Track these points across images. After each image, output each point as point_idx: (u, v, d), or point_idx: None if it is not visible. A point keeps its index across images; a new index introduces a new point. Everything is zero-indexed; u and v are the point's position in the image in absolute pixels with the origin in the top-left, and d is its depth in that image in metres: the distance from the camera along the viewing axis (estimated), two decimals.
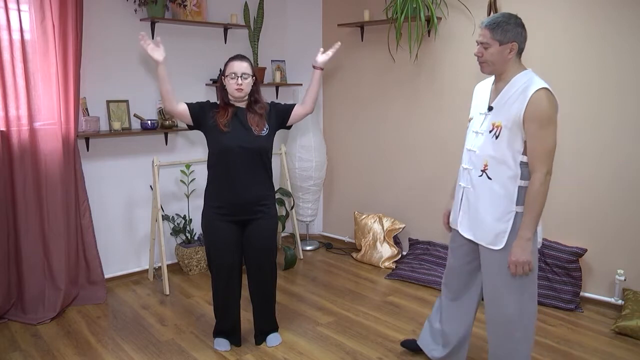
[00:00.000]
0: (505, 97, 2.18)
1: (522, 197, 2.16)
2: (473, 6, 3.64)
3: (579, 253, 3.33)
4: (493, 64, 2.18)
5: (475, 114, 2.32)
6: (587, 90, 3.27)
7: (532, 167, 2.13)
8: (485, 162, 2.21)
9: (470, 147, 2.29)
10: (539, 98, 2.08)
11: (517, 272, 2.16)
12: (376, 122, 4.42)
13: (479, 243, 2.29)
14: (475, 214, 2.28)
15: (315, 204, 4.71)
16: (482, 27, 2.18)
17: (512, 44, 2.15)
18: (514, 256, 2.14)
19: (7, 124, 3.16)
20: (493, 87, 2.27)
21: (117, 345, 2.96)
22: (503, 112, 2.16)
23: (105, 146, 3.76)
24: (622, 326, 3.01)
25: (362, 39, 4.39)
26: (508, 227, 2.18)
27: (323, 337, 3.05)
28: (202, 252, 4.02)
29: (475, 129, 2.28)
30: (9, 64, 3.11)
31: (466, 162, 2.32)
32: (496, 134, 2.17)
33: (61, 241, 3.34)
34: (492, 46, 2.15)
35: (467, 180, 2.30)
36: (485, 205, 2.23)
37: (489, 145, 2.19)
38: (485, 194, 2.23)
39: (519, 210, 2.18)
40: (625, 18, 3.09)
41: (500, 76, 2.22)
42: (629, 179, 3.19)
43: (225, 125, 2.67)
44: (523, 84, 2.14)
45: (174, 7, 3.88)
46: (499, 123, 2.16)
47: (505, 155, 2.15)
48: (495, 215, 2.20)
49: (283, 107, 2.86)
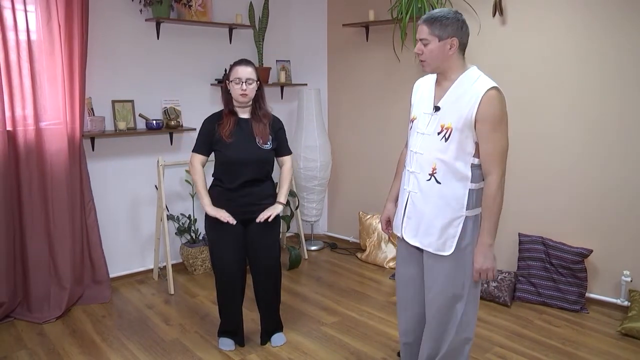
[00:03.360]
0: (452, 96, 2.05)
1: (472, 200, 2.08)
2: (478, 6, 3.63)
3: (585, 254, 3.31)
4: (434, 61, 2.05)
5: (419, 113, 2.17)
6: (593, 89, 3.25)
7: (487, 170, 2.03)
8: (433, 165, 2.08)
9: (417, 150, 2.13)
10: (491, 98, 1.97)
11: (482, 278, 2.10)
12: (381, 122, 4.41)
13: (426, 250, 2.14)
14: (421, 220, 2.14)
15: (320, 204, 4.71)
16: (419, 23, 2.06)
17: (452, 40, 2.01)
18: (477, 264, 2.06)
19: (13, 124, 3.17)
20: (436, 85, 2.14)
21: (122, 344, 2.97)
22: (452, 112, 2.03)
23: (111, 146, 3.78)
24: (628, 328, 2.99)
25: (367, 39, 4.39)
26: (457, 231, 2.08)
27: (327, 337, 3.05)
28: (206, 252, 4.02)
29: (421, 130, 2.13)
30: (15, 64, 3.13)
31: (412, 165, 2.16)
32: (446, 135, 2.04)
33: (66, 241, 3.35)
34: (432, 42, 2.02)
35: (414, 184, 2.15)
36: (433, 210, 2.10)
37: (438, 148, 2.06)
38: (434, 198, 2.09)
39: (468, 215, 2.08)
40: (627, 18, 3.07)
41: (444, 74, 2.09)
42: (635, 179, 3.17)
43: (228, 135, 2.69)
44: (471, 82, 2.03)
45: (179, 7, 3.89)
46: (449, 125, 2.03)
47: (456, 158, 2.04)
48: (444, 221, 2.08)
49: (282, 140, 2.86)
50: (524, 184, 3.59)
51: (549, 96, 3.42)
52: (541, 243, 3.48)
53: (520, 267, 3.55)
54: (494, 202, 2.03)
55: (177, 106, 4.04)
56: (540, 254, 3.46)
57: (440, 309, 2.16)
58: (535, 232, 3.55)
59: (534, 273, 3.48)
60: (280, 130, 2.85)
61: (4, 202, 3.15)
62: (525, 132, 3.53)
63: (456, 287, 2.12)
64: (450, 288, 2.13)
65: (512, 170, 3.62)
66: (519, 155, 3.58)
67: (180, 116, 4.04)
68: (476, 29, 3.66)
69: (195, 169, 2.80)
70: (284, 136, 2.89)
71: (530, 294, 3.47)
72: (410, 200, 2.18)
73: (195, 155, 2.79)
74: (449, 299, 2.14)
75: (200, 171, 2.80)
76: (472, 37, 3.65)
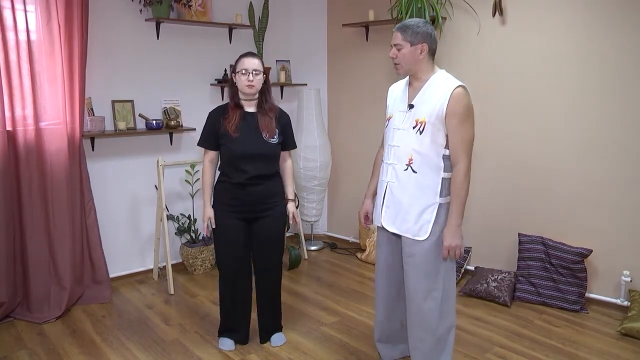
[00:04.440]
0: (424, 95, 2.29)
1: (445, 188, 2.29)
2: (478, 6, 3.63)
3: (585, 254, 3.31)
4: (407, 64, 2.30)
5: (395, 112, 2.41)
6: (593, 89, 3.25)
7: (455, 159, 2.25)
8: (410, 157, 2.30)
9: (394, 143, 2.36)
10: (459, 95, 2.21)
11: (450, 256, 2.29)
12: (381, 122, 4.40)
13: (404, 235, 2.35)
14: (399, 208, 2.35)
15: (320, 204, 4.71)
16: (394, 30, 2.31)
17: (422, 45, 2.27)
18: (446, 242, 2.26)
19: (13, 124, 3.17)
20: (409, 87, 2.39)
21: (121, 344, 2.97)
22: (425, 108, 2.27)
23: (110, 146, 3.78)
24: (628, 327, 2.99)
25: (367, 39, 4.39)
26: (432, 217, 2.30)
27: (327, 337, 3.05)
28: (206, 252, 4.02)
29: (397, 126, 2.37)
30: (15, 64, 3.13)
31: (390, 157, 2.39)
32: (420, 129, 2.27)
33: (66, 241, 3.35)
34: (404, 47, 2.27)
35: (392, 174, 2.37)
36: (410, 198, 2.32)
37: (413, 140, 2.29)
38: (410, 187, 2.31)
39: (442, 202, 2.30)
40: (627, 18, 3.07)
41: (416, 76, 2.34)
42: (635, 179, 3.17)
43: (234, 130, 2.68)
44: (441, 82, 2.28)
45: (179, 8, 3.89)
46: (423, 119, 2.27)
47: (429, 149, 2.26)
48: (420, 208, 2.30)
49: (289, 134, 2.86)
50: (523, 184, 3.59)
51: (549, 96, 3.42)
52: (541, 243, 3.48)
53: (520, 267, 3.55)
54: (461, 187, 2.24)
55: (177, 106, 4.04)
56: (540, 254, 3.46)
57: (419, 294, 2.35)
58: (535, 232, 3.55)
59: (534, 273, 3.48)
60: (287, 124, 2.84)
61: (4, 202, 3.15)
62: (524, 131, 3.54)
63: (432, 269, 2.33)
64: (427, 270, 2.33)
65: (512, 170, 3.63)
66: (519, 155, 3.58)
67: (180, 116, 4.04)
68: (476, 29, 3.66)
69: (204, 166, 2.80)
70: (291, 130, 2.88)
71: (530, 294, 3.47)
72: (388, 190, 2.39)
73: (205, 153, 2.80)
74: (427, 282, 2.34)
75: (209, 171, 2.79)
76: (472, 37, 3.69)
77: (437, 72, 2.33)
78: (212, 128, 2.74)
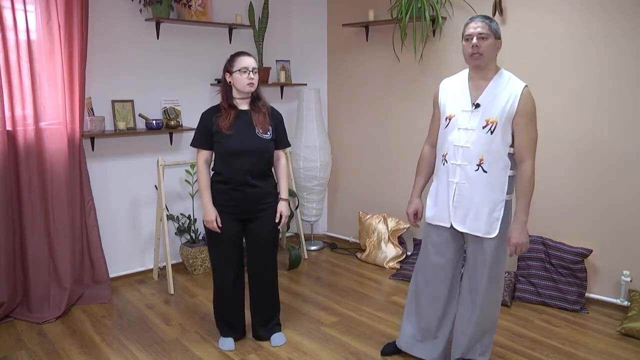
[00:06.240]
0: (490, 94, 2.30)
1: (510, 186, 2.35)
2: (478, 6, 3.63)
3: (585, 254, 3.31)
4: (488, 56, 2.28)
5: (457, 111, 2.38)
6: (593, 89, 3.25)
7: (521, 157, 2.28)
8: (480, 157, 2.31)
9: (462, 144, 2.35)
10: (528, 94, 2.27)
11: (517, 252, 2.34)
12: (381, 122, 4.41)
13: (475, 234, 2.38)
14: (470, 207, 2.36)
15: (320, 204, 4.71)
16: (478, 20, 2.28)
17: (500, 41, 2.31)
18: (514, 239, 2.31)
19: (13, 124, 3.17)
20: (469, 84, 2.37)
21: (121, 344, 2.97)
22: (494, 108, 2.28)
23: (110, 146, 3.78)
24: (628, 327, 2.99)
25: (367, 39, 4.39)
26: (500, 215, 2.35)
27: (327, 337, 3.05)
28: (206, 252, 4.02)
29: (463, 126, 2.35)
30: (15, 64, 3.13)
31: (457, 158, 2.37)
32: (491, 129, 2.28)
33: (66, 240, 3.35)
34: (490, 38, 2.26)
35: (462, 175, 2.36)
36: (481, 197, 2.33)
37: (484, 141, 2.29)
38: (481, 186, 2.33)
39: (507, 199, 2.36)
40: (627, 19, 3.07)
41: (484, 72, 2.32)
42: (635, 179, 3.17)
43: (228, 128, 2.68)
44: (506, 81, 2.30)
45: (178, 7, 3.89)
46: (494, 119, 2.27)
47: (500, 149, 2.29)
48: (490, 206, 2.34)
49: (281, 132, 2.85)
50: None
51: (549, 96, 3.42)
52: (541, 243, 3.48)
53: (520, 267, 3.55)
54: (529, 184, 2.29)
55: (177, 106, 4.04)
56: (540, 254, 3.46)
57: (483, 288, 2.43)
58: (535, 232, 3.55)
59: (534, 273, 3.48)
60: (280, 122, 2.85)
61: (4, 202, 3.15)
62: None
63: (500, 264, 2.43)
64: (493, 265, 2.40)
65: None
66: None
67: (180, 116, 4.04)
68: None
69: (199, 167, 2.78)
70: (284, 128, 2.89)
71: (530, 294, 3.47)
72: (458, 190, 2.39)
73: (199, 152, 2.78)
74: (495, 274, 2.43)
75: (204, 171, 2.77)
76: None
77: (501, 71, 2.34)
78: (205, 127, 2.74)
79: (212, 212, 2.73)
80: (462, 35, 2.34)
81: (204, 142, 2.76)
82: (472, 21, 2.29)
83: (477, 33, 2.25)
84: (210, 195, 2.76)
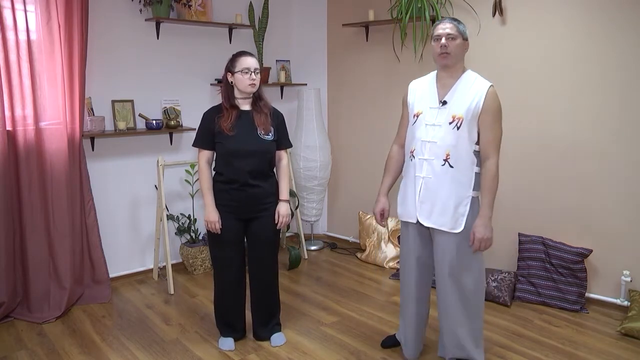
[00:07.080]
0: (457, 92, 2.38)
1: (476, 182, 2.39)
2: (478, 6, 3.63)
3: (585, 254, 3.31)
4: (456, 56, 2.36)
5: (425, 108, 2.46)
6: (592, 89, 3.25)
7: (487, 155, 2.35)
8: (447, 152, 2.36)
9: (429, 139, 2.41)
10: (494, 93, 2.34)
11: (481, 248, 2.37)
12: (381, 122, 4.41)
13: (440, 229, 2.41)
14: (435, 202, 2.41)
15: (320, 203, 4.71)
16: (446, 21, 2.37)
17: (467, 43, 2.40)
18: (479, 234, 2.34)
19: (13, 124, 3.17)
20: (437, 83, 2.45)
21: (121, 344, 2.97)
22: (460, 105, 2.35)
23: (111, 146, 3.78)
24: (628, 328, 2.99)
25: (367, 39, 4.39)
26: (466, 210, 2.39)
27: (327, 337, 3.05)
28: (206, 252, 4.02)
29: (430, 122, 2.42)
30: (15, 64, 3.13)
31: (424, 153, 2.42)
32: (457, 125, 2.35)
33: (66, 240, 3.35)
34: (458, 39, 2.35)
35: (428, 170, 2.42)
36: (447, 192, 2.38)
37: (451, 136, 2.36)
38: (447, 181, 2.38)
39: (474, 195, 2.40)
40: (627, 18, 3.07)
41: (451, 71, 2.40)
42: (635, 179, 3.17)
43: (230, 128, 2.68)
44: (472, 80, 2.38)
45: (178, 7, 3.89)
46: (460, 115, 2.34)
47: (466, 145, 2.35)
48: (456, 201, 2.38)
49: (283, 132, 2.85)
50: (523, 184, 3.59)
51: (549, 96, 3.42)
52: (541, 243, 3.48)
53: (520, 267, 3.55)
54: (493, 181, 2.35)
55: (177, 106, 4.04)
56: (540, 254, 3.46)
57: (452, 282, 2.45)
58: (535, 232, 3.55)
59: (534, 273, 3.48)
60: (281, 122, 2.85)
61: (4, 202, 3.15)
62: (524, 131, 3.53)
63: (465, 258, 2.44)
64: (461, 260, 2.43)
65: (512, 170, 3.62)
66: (519, 155, 3.58)
67: (180, 116, 4.04)
68: (476, 29, 3.66)
69: (201, 168, 2.77)
70: (285, 129, 2.88)
71: (530, 294, 3.47)
72: (424, 185, 2.43)
73: (200, 152, 2.77)
74: (461, 268, 2.44)
75: (207, 172, 2.77)
76: (472, 37, 3.68)
77: (468, 71, 2.42)
78: (207, 128, 2.74)
79: (215, 214, 2.72)
80: (431, 37, 2.41)
81: (205, 143, 2.76)
82: (441, 22, 2.38)
83: (445, 34, 2.33)
84: (212, 197, 2.75)
